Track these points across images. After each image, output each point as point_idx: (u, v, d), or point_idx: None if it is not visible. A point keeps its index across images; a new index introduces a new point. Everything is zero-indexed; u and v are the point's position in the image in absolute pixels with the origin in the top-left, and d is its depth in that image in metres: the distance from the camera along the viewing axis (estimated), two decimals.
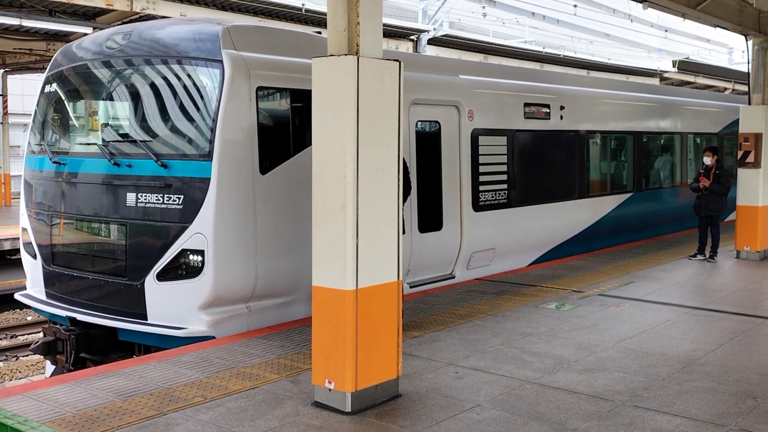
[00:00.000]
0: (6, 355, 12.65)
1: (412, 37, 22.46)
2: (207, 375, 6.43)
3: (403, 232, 6.04)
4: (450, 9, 25.76)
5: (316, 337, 5.74)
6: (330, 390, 5.66)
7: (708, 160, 12.59)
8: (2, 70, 24.29)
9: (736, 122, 15.04)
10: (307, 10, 18.17)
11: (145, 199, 7.70)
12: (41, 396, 5.93)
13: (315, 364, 5.77)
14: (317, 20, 18.65)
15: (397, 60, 5.77)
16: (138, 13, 16.36)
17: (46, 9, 16.63)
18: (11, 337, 13.78)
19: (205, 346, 7.28)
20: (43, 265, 8.71)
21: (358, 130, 5.46)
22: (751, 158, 13.10)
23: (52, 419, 5.44)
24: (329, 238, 5.57)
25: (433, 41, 22.96)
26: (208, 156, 7.46)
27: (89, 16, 17.40)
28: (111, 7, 16.07)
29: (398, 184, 5.84)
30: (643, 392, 6.14)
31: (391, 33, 21.35)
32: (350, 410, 5.59)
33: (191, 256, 7.50)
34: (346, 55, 5.48)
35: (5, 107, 24.93)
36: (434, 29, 22.99)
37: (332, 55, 5.57)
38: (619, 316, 8.72)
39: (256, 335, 7.62)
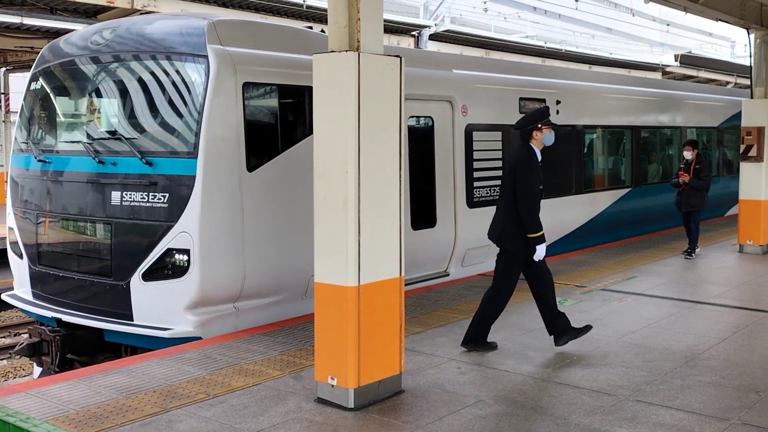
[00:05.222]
0: (9, 353, 12.67)
1: (413, 33, 22.42)
2: (210, 372, 6.43)
3: None
4: (451, 4, 25.71)
5: (319, 334, 5.74)
6: (333, 386, 5.67)
7: (688, 154, 12.27)
8: (3, 69, 24.27)
9: (736, 116, 14.98)
10: (308, 7, 18.12)
11: (131, 198, 7.55)
12: (44, 393, 5.94)
13: (317, 360, 5.77)
14: (318, 16, 18.61)
15: (398, 56, 5.76)
16: (139, 10, 16.32)
17: (47, 7, 16.60)
18: (14, 335, 13.81)
19: (207, 343, 7.27)
20: (29, 265, 8.55)
21: (359, 125, 5.46)
22: (753, 152, 13.07)
23: (56, 417, 5.45)
24: (331, 234, 5.57)
25: (434, 37, 22.92)
26: (194, 153, 7.30)
27: (90, 13, 17.37)
28: (112, 5, 16.04)
29: (400, 179, 5.83)
30: (646, 387, 6.14)
31: (392, 29, 21.29)
32: (353, 406, 5.60)
33: (177, 256, 7.34)
34: (347, 51, 5.47)
35: (7, 105, 24.93)
36: (435, 25, 22.94)
37: (333, 51, 5.56)
38: (622, 310, 8.71)
39: (258, 332, 7.62)
